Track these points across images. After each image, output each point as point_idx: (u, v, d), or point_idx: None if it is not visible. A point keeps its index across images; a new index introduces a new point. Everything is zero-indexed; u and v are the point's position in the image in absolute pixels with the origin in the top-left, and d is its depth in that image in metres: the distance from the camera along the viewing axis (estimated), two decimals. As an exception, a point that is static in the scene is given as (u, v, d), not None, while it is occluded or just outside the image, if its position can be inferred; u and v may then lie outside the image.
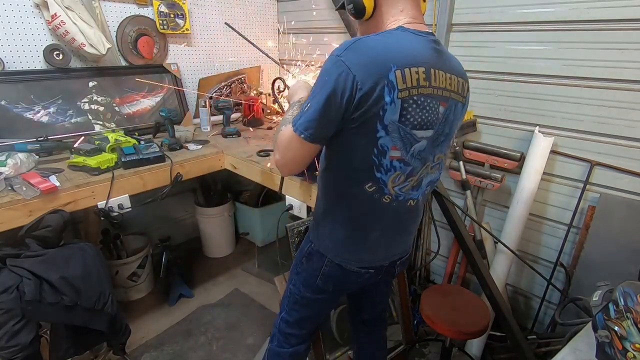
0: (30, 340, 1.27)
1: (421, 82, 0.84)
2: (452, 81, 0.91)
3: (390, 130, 0.85)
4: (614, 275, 1.45)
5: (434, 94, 0.88)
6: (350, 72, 0.79)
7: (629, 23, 1.44)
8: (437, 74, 0.88)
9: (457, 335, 1.50)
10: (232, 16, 2.58)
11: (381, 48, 0.82)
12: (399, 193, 0.96)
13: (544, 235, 1.87)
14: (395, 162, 0.91)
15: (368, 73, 0.79)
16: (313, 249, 1.12)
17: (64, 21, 1.74)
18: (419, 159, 0.93)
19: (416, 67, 0.83)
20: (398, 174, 0.93)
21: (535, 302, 1.97)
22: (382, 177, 0.92)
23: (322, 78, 0.83)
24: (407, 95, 0.83)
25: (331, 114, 0.83)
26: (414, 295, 2.12)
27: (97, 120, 2.01)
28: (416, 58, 0.84)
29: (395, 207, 0.99)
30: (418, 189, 0.99)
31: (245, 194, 2.79)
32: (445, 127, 0.94)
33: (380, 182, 0.93)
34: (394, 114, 0.83)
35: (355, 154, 0.91)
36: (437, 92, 0.88)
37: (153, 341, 2.03)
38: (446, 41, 1.93)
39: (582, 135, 1.65)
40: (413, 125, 0.87)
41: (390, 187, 0.94)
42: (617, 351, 0.84)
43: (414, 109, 0.85)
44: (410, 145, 0.89)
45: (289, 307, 1.26)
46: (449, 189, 2.11)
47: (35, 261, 1.30)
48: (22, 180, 1.41)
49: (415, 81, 0.83)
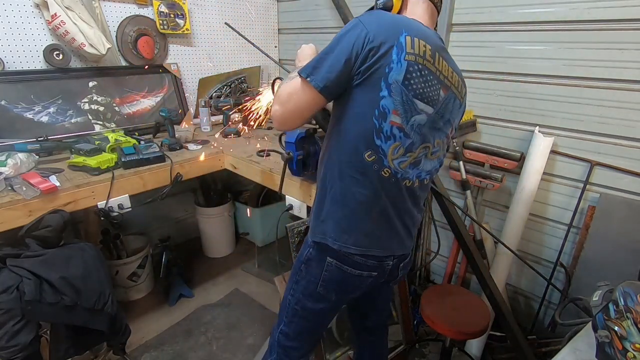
0: (30, 340, 1.27)
1: (427, 57, 0.90)
2: (454, 77, 0.98)
3: (393, 91, 0.88)
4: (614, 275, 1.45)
5: (437, 75, 0.93)
6: (364, 27, 0.87)
7: (629, 23, 1.44)
8: (442, 61, 0.94)
9: (457, 335, 1.50)
10: (232, 16, 2.58)
11: (397, 18, 0.93)
12: (397, 168, 0.96)
13: (544, 235, 1.87)
14: (395, 130, 0.92)
15: (380, 30, 0.86)
16: (312, 254, 1.09)
17: (64, 21, 1.74)
18: (419, 134, 0.95)
19: (425, 42, 0.90)
20: (397, 144, 0.94)
21: (535, 302, 1.97)
22: (382, 145, 0.93)
23: (339, 34, 0.90)
24: (413, 60, 0.88)
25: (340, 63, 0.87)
26: (414, 295, 2.12)
27: (97, 120, 2.01)
28: (426, 37, 0.91)
29: (394, 185, 0.98)
30: (416, 168, 0.99)
31: (245, 194, 2.79)
32: (445, 112, 0.98)
33: (380, 152, 0.94)
34: (399, 74, 0.87)
35: (357, 115, 0.92)
36: (440, 75, 0.94)
37: (153, 341, 2.03)
38: (446, 41, 1.93)
39: (582, 135, 1.65)
40: (415, 92, 0.90)
41: (389, 159, 0.95)
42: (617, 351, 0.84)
43: (418, 76, 0.89)
44: (410, 114, 0.92)
45: (287, 319, 1.20)
46: (449, 189, 2.11)
47: (35, 261, 1.30)
48: (22, 180, 1.41)
49: (422, 52, 0.89)
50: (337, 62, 0.87)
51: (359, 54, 0.86)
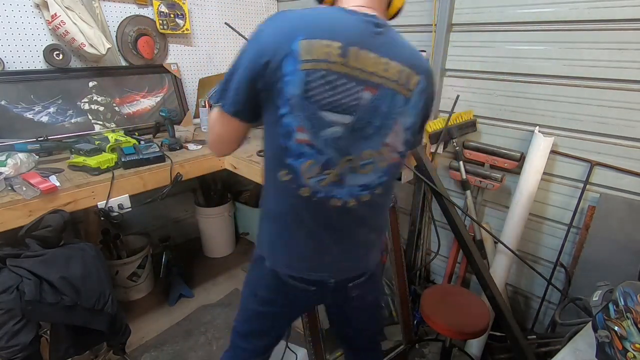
0: (30, 340, 1.27)
1: (332, 58, 0.76)
2: (391, 68, 0.81)
3: (295, 107, 0.78)
4: (614, 275, 1.46)
5: (352, 75, 0.78)
6: (260, 37, 0.78)
7: (629, 23, 1.44)
8: (363, 54, 0.78)
9: (457, 335, 1.50)
10: (232, 16, 2.58)
11: (295, 19, 0.78)
12: (317, 188, 0.85)
13: (544, 235, 1.87)
14: (305, 147, 0.81)
15: (273, 40, 0.76)
16: (257, 253, 1.04)
17: (64, 21, 1.74)
18: (335, 149, 0.82)
19: (329, 41, 0.75)
20: (311, 162, 0.83)
21: (535, 302, 1.97)
22: (293, 163, 0.83)
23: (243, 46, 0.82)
24: (310, 68, 0.75)
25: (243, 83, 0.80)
26: (414, 295, 2.12)
27: (97, 120, 2.01)
28: (334, 32, 0.77)
29: (319, 205, 0.87)
30: (341, 187, 0.86)
31: (245, 194, 2.79)
32: (374, 117, 0.82)
33: (293, 170, 0.84)
34: (296, 87, 0.76)
35: (267, 135, 0.86)
36: (358, 74, 0.79)
37: (153, 341, 2.03)
38: (446, 41, 1.93)
39: (582, 135, 1.65)
40: (321, 104, 0.78)
41: (305, 178, 0.84)
42: (617, 351, 0.84)
43: (322, 85, 0.77)
44: (319, 128, 0.80)
45: (240, 316, 1.15)
46: (449, 189, 2.11)
47: (35, 261, 1.30)
48: (22, 180, 1.41)
49: (325, 55, 0.75)
50: (241, 82, 0.80)
51: (257, 70, 0.77)
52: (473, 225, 1.96)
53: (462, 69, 1.94)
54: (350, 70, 0.78)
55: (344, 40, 0.77)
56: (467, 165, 1.96)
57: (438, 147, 1.91)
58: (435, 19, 1.93)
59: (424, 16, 2.00)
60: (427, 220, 2.23)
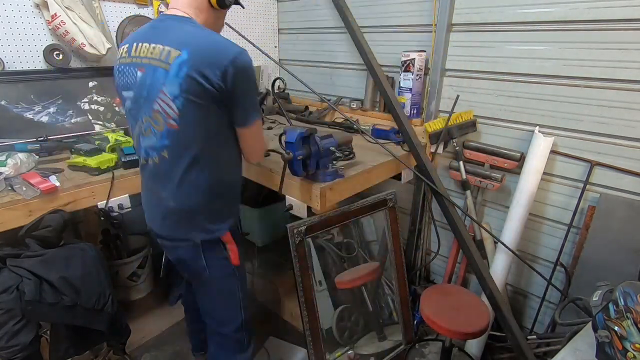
0: (30, 340, 1.27)
1: (123, 55, 1.16)
2: (155, 50, 1.07)
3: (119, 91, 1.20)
4: (614, 275, 1.46)
5: (132, 62, 1.12)
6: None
7: (629, 23, 1.44)
8: (141, 46, 1.10)
9: (457, 335, 1.50)
10: (232, 16, 2.58)
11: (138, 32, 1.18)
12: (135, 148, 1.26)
13: (544, 235, 1.87)
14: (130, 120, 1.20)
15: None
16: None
17: (64, 21, 1.74)
18: (131, 117, 1.18)
19: (125, 45, 1.15)
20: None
21: (535, 302, 1.97)
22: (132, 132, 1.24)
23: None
24: (117, 64, 1.18)
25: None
26: (414, 295, 2.12)
27: (97, 120, 2.01)
28: (133, 37, 1.16)
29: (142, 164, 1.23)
30: (140, 147, 1.19)
31: (245, 193, 2.78)
32: (142, 89, 1.10)
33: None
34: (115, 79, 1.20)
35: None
36: (136, 61, 1.11)
37: (153, 341, 2.03)
38: (446, 41, 1.93)
39: (582, 135, 1.65)
40: (120, 87, 1.18)
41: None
42: (617, 351, 0.84)
43: (119, 75, 1.17)
44: (124, 103, 1.19)
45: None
46: (449, 189, 2.11)
47: (35, 261, 1.30)
48: (22, 180, 1.41)
49: (122, 54, 1.16)
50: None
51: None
52: (473, 225, 1.96)
53: (462, 69, 1.94)
54: (132, 59, 1.12)
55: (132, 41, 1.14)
56: (467, 165, 1.96)
57: (438, 147, 1.91)
58: (435, 19, 1.93)
59: (424, 16, 2.00)
60: (427, 220, 2.23)
